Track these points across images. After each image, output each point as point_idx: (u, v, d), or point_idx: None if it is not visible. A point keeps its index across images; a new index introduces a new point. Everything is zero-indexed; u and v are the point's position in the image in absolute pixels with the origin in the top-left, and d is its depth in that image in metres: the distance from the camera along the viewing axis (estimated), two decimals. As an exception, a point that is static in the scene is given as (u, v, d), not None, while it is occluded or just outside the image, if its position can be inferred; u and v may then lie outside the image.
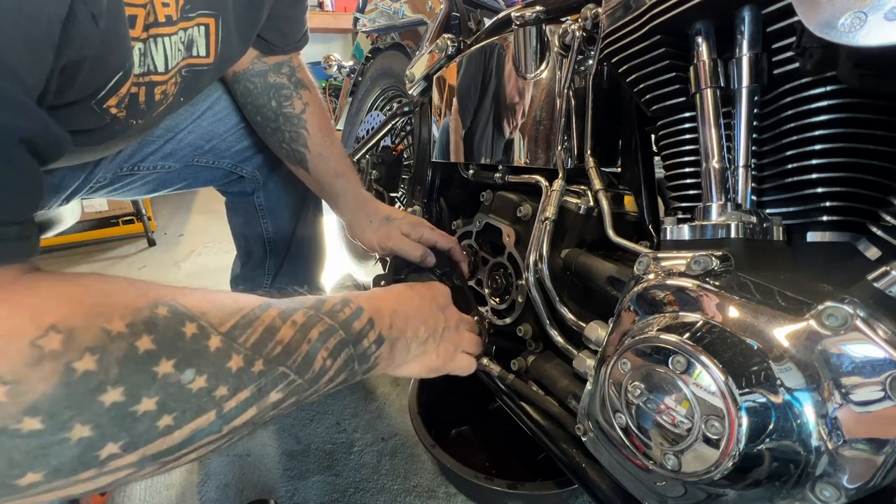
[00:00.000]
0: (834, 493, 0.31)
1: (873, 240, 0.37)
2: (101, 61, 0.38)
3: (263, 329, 0.33)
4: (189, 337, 0.30)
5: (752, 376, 0.33)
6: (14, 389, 0.24)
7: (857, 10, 0.29)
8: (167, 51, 0.48)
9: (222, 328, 0.32)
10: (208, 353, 0.30)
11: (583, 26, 0.59)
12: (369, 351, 0.42)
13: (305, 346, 0.36)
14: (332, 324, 0.39)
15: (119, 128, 0.49)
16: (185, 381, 0.29)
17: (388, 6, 1.22)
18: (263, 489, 0.87)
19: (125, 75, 0.43)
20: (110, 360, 0.26)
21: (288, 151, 0.80)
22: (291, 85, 0.78)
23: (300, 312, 0.37)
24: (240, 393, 0.31)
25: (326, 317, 0.39)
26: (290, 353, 0.35)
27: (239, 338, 0.32)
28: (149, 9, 0.43)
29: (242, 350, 0.32)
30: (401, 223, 0.74)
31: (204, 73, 0.57)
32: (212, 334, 0.31)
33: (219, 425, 0.31)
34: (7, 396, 0.23)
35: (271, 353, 0.33)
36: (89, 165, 0.68)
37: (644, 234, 0.59)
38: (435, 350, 0.52)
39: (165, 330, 0.29)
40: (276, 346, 0.34)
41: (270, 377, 0.33)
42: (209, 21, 0.52)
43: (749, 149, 0.42)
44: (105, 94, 0.42)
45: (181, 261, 1.87)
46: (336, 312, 0.40)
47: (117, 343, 0.27)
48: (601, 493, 0.55)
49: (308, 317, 0.37)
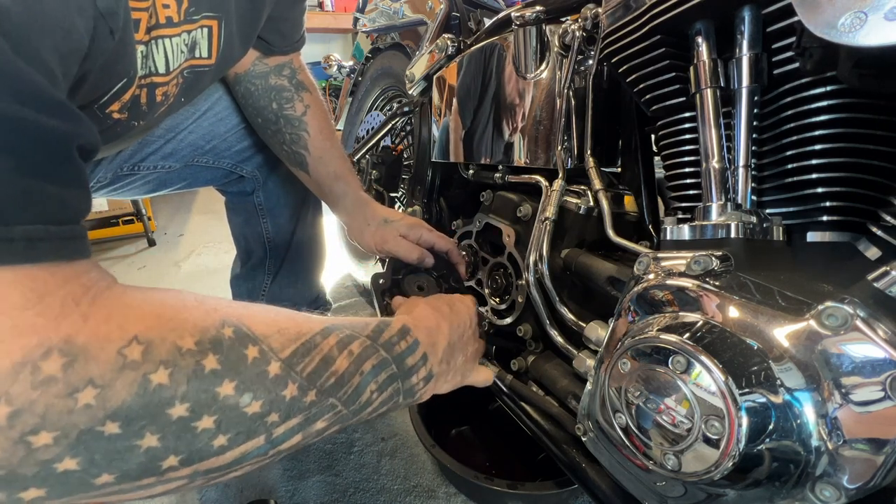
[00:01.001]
0: (834, 493, 0.31)
1: (873, 240, 0.37)
2: (108, 69, 0.39)
3: (321, 359, 0.34)
4: (251, 361, 0.31)
5: (752, 376, 0.33)
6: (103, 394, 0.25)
7: (857, 10, 0.29)
8: (168, 52, 0.48)
9: (282, 354, 0.32)
10: (266, 380, 0.31)
11: (583, 26, 0.59)
12: (417, 387, 0.42)
13: (357, 378, 0.36)
14: (385, 357, 0.39)
15: (121, 129, 0.49)
16: (243, 404, 0.30)
17: (388, 6, 1.22)
18: (263, 489, 0.87)
19: (129, 82, 0.44)
20: (180, 375, 0.28)
21: (288, 153, 0.80)
22: (292, 87, 0.78)
23: (358, 342, 0.37)
24: (289, 420, 0.32)
25: (382, 349, 0.39)
26: (343, 384, 0.35)
27: (297, 366, 0.33)
28: (151, 11, 0.43)
29: (298, 379, 0.32)
30: (398, 225, 0.74)
31: (205, 74, 0.58)
32: (272, 360, 0.32)
33: (266, 449, 0.32)
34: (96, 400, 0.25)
35: (325, 383, 0.34)
36: (89, 165, 0.68)
37: (644, 234, 0.59)
38: (461, 372, 0.52)
39: (230, 351, 0.30)
40: (330, 377, 0.34)
41: (320, 407, 0.34)
42: (212, 23, 0.53)
43: (749, 149, 0.42)
44: (108, 99, 0.43)
45: (181, 261, 1.87)
46: (393, 345, 0.40)
47: (187, 359, 0.28)
48: (601, 493, 0.55)
49: (364, 347, 0.38)
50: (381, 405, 0.39)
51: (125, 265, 1.86)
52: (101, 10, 0.32)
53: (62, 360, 0.24)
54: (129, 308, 0.28)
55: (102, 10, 0.33)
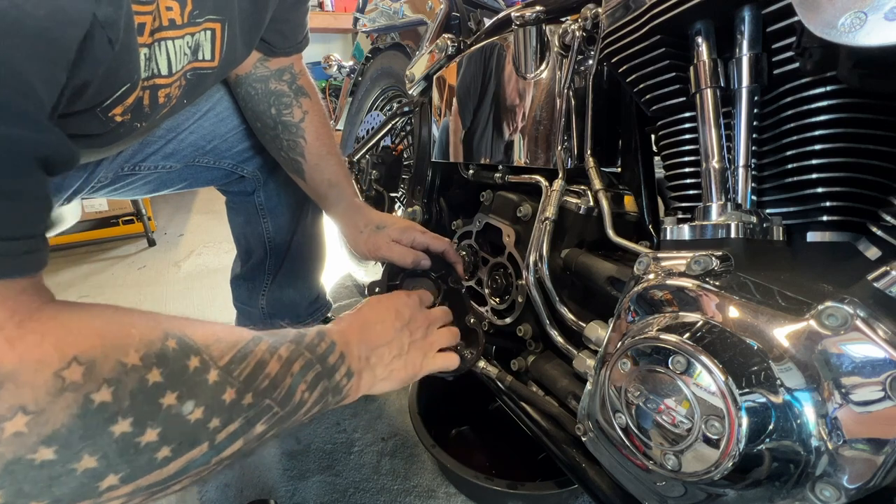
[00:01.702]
0: (834, 493, 0.31)
1: (873, 240, 0.37)
2: (112, 75, 0.39)
3: (255, 363, 0.35)
4: (192, 370, 0.31)
5: (752, 376, 0.33)
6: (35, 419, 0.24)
7: (857, 10, 0.29)
8: (171, 54, 0.48)
9: (221, 362, 0.33)
10: (207, 386, 0.32)
11: (583, 26, 0.59)
12: (341, 384, 0.44)
13: (289, 379, 0.38)
14: (310, 357, 0.41)
15: (123, 131, 0.49)
16: (186, 412, 0.30)
17: (388, 6, 1.22)
18: (263, 489, 0.87)
19: (133, 86, 0.44)
20: (124, 391, 0.27)
21: (286, 159, 0.81)
22: (292, 93, 0.78)
23: (285, 346, 0.39)
24: (230, 425, 0.33)
25: (306, 351, 0.41)
26: (276, 386, 0.36)
27: (234, 371, 0.34)
28: (155, 14, 0.43)
29: (236, 383, 0.33)
30: (390, 230, 0.74)
31: (208, 77, 0.58)
32: (211, 367, 0.32)
33: (209, 456, 0.32)
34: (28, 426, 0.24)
35: (260, 386, 0.35)
36: (90, 165, 0.68)
37: (644, 234, 0.59)
38: (402, 367, 0.53)
39: (174, 363, 0.30)
40: (264, 379, 0.36)
41: (258, 409, 0.35)
42: (215, 26, 0.53)
43: (749, 149, 0.42)
44: (111, 102, 0.43)
45: (181, 261, 1.87)
46: (315, 346, 0.42)
47: (131, 375, 0.28)
48: (601, 493, 0.55)
49: (291, 351, 0.39)
50: (314, 405, 0.40)
51: (125, 265, 1.86)
52: (100, 20, 0.32)
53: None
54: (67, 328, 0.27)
55: (102, 21, 0.33)
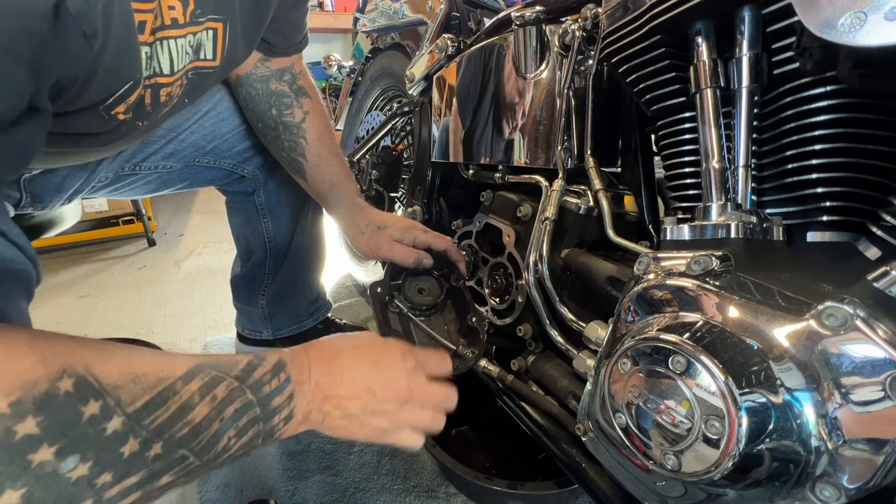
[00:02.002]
0: (834, 493, 0.31)
1: (873, 240, 0.37)
2: (113, 72, 0.39)
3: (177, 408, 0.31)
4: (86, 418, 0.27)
5: (752, 376, 0.33)
6: None
7: (857, 10, 0.29)
8: (173, 53, 0.48)
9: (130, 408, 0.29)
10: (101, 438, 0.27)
11: (583, 26, 0.59)
12: (277, 428, 0.39)
13: (217, 424, 0.34)
14: (251, 399, 0.37)
15: (125, 129, 0.49)
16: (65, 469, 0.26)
17: (388, 6, 1.22)
18: (263, 489, 0.87)
19: (135, 84, 0.44)
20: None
21: (287, 160, 0.81)
22: (292, 93, 0.79)
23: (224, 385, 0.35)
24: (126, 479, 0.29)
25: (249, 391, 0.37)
26: (198, 433, 0.32)
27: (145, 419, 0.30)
28: (156, 13, 0.43)
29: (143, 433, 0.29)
30: (392, 230, 0.75)
31: (209, 76, 0.58)
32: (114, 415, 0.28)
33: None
34: None
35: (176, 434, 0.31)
36: (91, 165, 0.68)
37: (644, 234, 0.59)
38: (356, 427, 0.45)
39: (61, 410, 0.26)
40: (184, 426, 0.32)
41: (167, 461, 0.31)
42: (217, 26, 0.53)
43: (749, 149, 0.42)
44: (114, 101, 0.43)
45: (181, 261, 1.87)
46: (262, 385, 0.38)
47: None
48: (601, 493, 0.55)
49: (230, 391, 0.35)
50: (239, 450, 0.37)
51: (125, 265, 1.86)
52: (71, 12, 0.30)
53: None
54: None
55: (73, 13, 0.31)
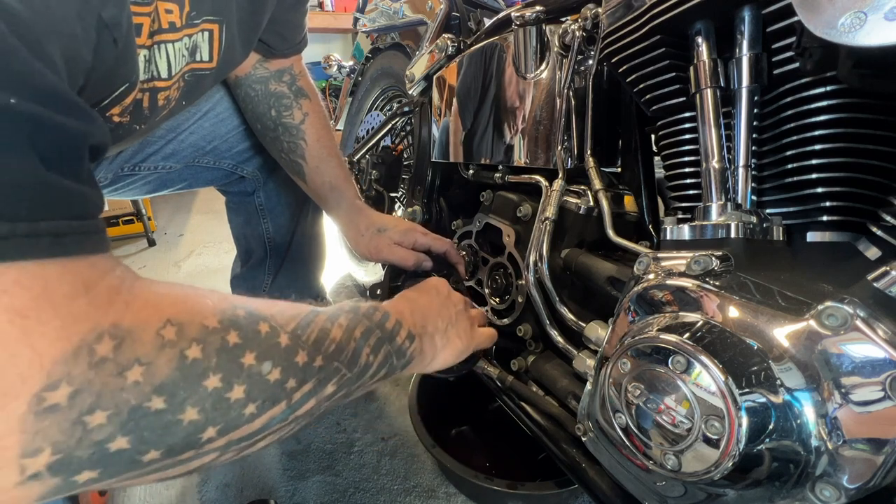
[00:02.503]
0: (834, 492, 0.31)
1: (873, 240, 0.37)
2: (111, 74, 0.39)
3: (319, 330, 0.37)
4: (264, 334, 0.33)
5: (752, 376, 0.33)
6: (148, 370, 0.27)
7: (857, 10, 0.29)
8: (171, 57, 0.48)
9: (287, 328, 0.35)
10: (280, 349, 0.34)
11: (583, 26, 0.59)
12: (404, 346, 0.46)
13: (353, 343, 0.40)
14: (370, 324, 0.42)
15: (122, 132, 0.50)
16: (265, 371, 0.32)
17: (388, 6, 1.22)
18: (263, 489, 0.87)
19: (131, 86, 0.44)
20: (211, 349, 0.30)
21: (286, 161, 0.81)
22: (292, 94, 0.78)
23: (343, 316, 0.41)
24: (304, 385, 0.35)
25: (364, 318, 0.43)
26: (342, 350, 0.38)
27: (302, 336, 0.36)
28: (153, 16, 0.43)
29: (306, 347, 0.36)
30: (392, 233, 0.75)
31: (206, 78, 0.58)
32: (281, 332, 0.35)
33: (287, 414, 0.34)
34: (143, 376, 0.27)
35: (328, 349, 0.37)
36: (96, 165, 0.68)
37: (644, 234, 0.59)
38: (457, 335, 0.55)
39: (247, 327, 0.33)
40: (330, 343, 0.38)
41: (328, 371, 0.37)
42: (213, 27, 0.53)
43: (749, 149, 0.42)
44: (109, 102, 0.43)
45: (181, 261, 1.87)
46: (371, 314, 0.44)
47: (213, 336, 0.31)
48: (601, 493, 0.55)
49: (350, 319, 0.41)
50: (380, 368, 0.42)
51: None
52: (105, 20, 0.33)
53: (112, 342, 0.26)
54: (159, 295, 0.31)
55: (107, 21, 0.34)
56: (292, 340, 0.35)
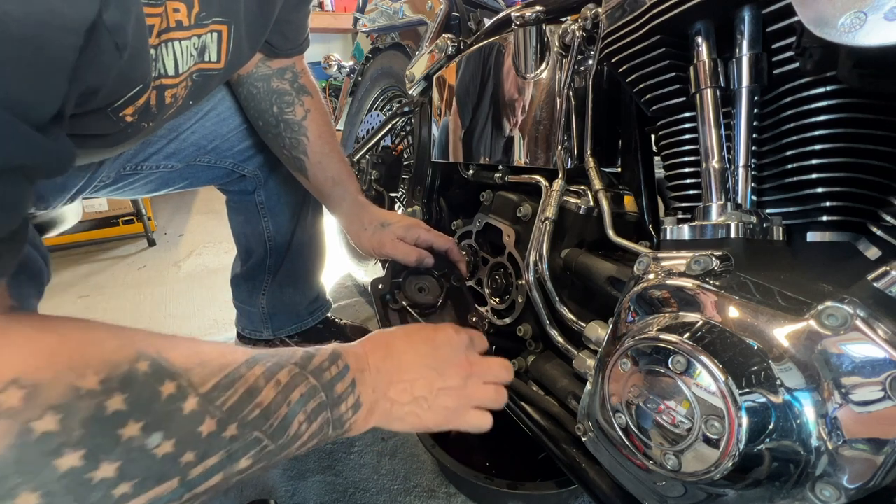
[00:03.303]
0: (834, 493, 0.31)
1: (873, 240, 0.37)
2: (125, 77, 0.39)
3: (245, 391, 0.32)
4: (165, 398, 0.28)
5: (752, 376, 0.33)
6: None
7: (857, 10, 0.29)
8: (178, 55, 0.48)
9: (202, 388, 0.30)
10: (180, 416, 0.29)
11: (583, 26, 0.59)
12: (345, 417, 0.40)
13: (285, 408, 0.35)
14: (315, 384, 0.37)
15: (131, 131, 0.50)
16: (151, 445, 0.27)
17: (388, 6, 1.22)
18: (263, 489, 0.87)
19: (145, 87, 0.44)
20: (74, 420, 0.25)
21: (288, 157, 0.81)
22: (293, 91, 0.79)
23: (285, 371, 0.36)
24: (208, 459, 0.30)
25: (311, 376, 0.38)
26: (268, 416, 0.33)
27: (217, 400, 0.31)
28: (162, 15, 0.43)
29: (218, 413, 0.31)
30: (395, 228, 0.75)
31: (213, 78, 0.58)
32: (189, 395, 0.30)
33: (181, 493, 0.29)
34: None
35: (248, 416, 0.32)
36: (93, 165, 0.68)
37: (644, 234, 0.59)
38: (424, 412, 0.46)
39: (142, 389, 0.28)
40: (254, 409, 0.33)
41: (243, 443, 0.32)
42: (222, 28, 0.53)
43: (749, 149, 0.42)
44: (123, 103, 0.43)
45: (181, 261, 1.87)
46: (322, 371, 0.39)
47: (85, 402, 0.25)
48: (601, 493, 0.55)
49: (293, 376, 0.36)
50: (311, 438, 0.37)
51: (125, 265, 1.86)
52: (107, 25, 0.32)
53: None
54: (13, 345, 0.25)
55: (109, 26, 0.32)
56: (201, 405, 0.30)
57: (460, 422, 0.49)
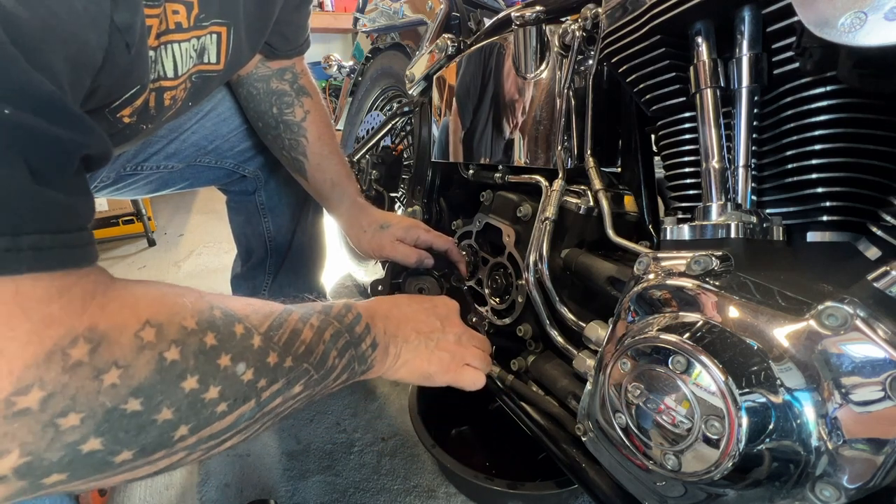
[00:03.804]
0: (834, 493, 0.31)
1: (873, 240, 0.37)
2: (124, 77, 0.40)
3: (290, 331, 0.38)
4: (239, 336, 0.34)
5: (752, 376, 0.33)
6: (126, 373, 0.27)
7: (857, 10, 0.29)
8: (177, 57, 0.48)
9: (261, 329, 0.36)
10: (253, 350, 0.35)
11: (583, 26, 0.59)
12: (367, 354, 0.46)
13: (322, 346, 0.40)
14: (339, 327, 0.43)
15: (129, 132, 0.50)
16: (240, 372, 0.33)
17: (388, 6, 1.22)
18: (263, 489, 0.87)
19: (142, 88, 0.44)
20: (189, 351, 0.30)
21: (288, 158, 0.81)
22: (293, 92, 0.79)
23: (315, 317, 0.41)
24: (274, 385, 0.36)
25: (335, 320, 0.43)
26: (311, 351, 0.39)
27: (274, 337, 0.37)
28: (161, 17, 0.43)
29: (277, 348, 0.36)
30: (395, 229, 0.75)
31: (213, 79, 0.58)
32: (255, 334, 0.35)
33: (255, 412, 0.35)
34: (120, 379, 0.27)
35: (297, 350, 0.38)
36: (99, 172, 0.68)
37: (644, 234, 0.59)
38: (427, 356, 0.53)
39: (223, 328, 0.33)
40: (300, 345, 0.38)
41: (297, 372, 0.38)
42: (221, 30, 0.53)
43: (749, 149, 0.42)
44: (120, 104, 0.43)
45: (181, 261, 1.87)
46: (342, 317, 0.44)
47: (192, 338, 0.31)
48: (601, 493, 0.55)
49: (321, 320, 0.42)
50: (342, 371, 0.43)
51: (125, 265, 1.86)
52: (118, 24, 0.33)
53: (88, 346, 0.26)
54: (137, 297, 0.31)
55: (120, 25, 0.34)
56: (265, 342, 0.36)
57: (457, 376, 0.55)
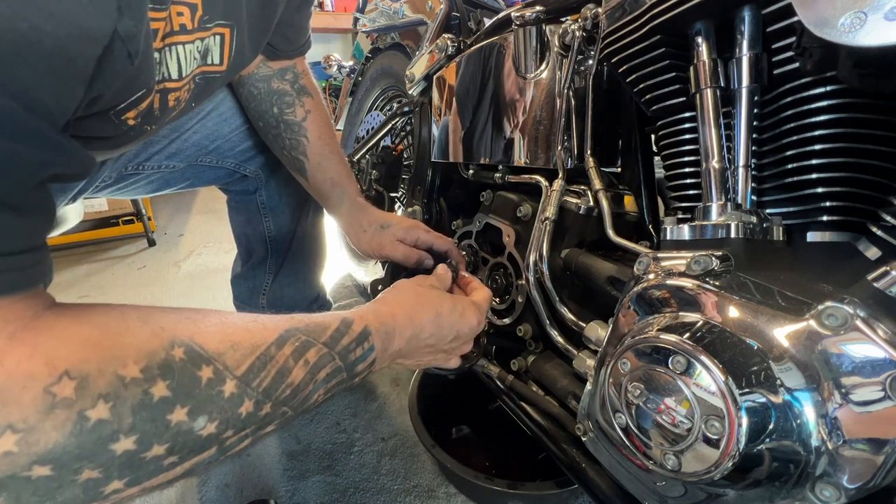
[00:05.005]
0: (834, 493, 0.31)
1: (873, 240, 0.37)
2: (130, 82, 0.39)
3: (276, 372, 0.34)
4: (205, 382, 0.30)
5: (752, 376, 0.33)
6: (25, 438, 0.23)
7: (857, 10, 0.29)
8: (181, 58, 0.48)
9: (238, 371, 0.31)
10: (222, 400, 0.30)
11: (583, 26, 0.59)
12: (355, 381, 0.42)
13: (311, 387, 0.36)
14: (339, 365, 0.39)
15: (134, 134, 0.50)
16: (197, 428, 0.29)
17: (388, 6, 1.22)
18: (263, 489, 0.87)
19: (148, 92, 0.44)
20: (124, 407, 0.26)
21: (288, 158, 0.81)
22: (294, 92, 0.79)
23: (314, 350, 0.37)
24: (242, 432, 0.32)
25: (338, 357, 0.39)
26: (297, 393, 0.35)
27: (253, 381, 0.32)
28: (167, 20, 0.43)
29: (255, 395, 0.32)
30: (395, 229, 0.75)
31: (216, 80, 0.58)
32: (227, 378, 0.31)
33: (217, 457, 0.32)
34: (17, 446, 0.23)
35: (280, 395, 0.34)
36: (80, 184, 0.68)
37: (644, 234, 0.59)
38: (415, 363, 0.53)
39: (181, 375, 0.29)
40: (285, 388, 0.34)
41: (272, 416, 0.34)
42: (224, 31, 0.53)
43: (749, 149, 0.42)
44: (126, 107, 0.43)
45: (181, 261, 1.87)
46: (349, 353, 0.40)
47: (131, 389, 0.27)
48: (601, 493, 0.55)
49: (321, 355, 0.37)
50: (324, 402, 0.40)
51: (125, 265, 1.86)
52: (121, 35, 0.32)
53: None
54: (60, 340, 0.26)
55: (123, 36, 0.33)
56: (240, 387, 0.31)
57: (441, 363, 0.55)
